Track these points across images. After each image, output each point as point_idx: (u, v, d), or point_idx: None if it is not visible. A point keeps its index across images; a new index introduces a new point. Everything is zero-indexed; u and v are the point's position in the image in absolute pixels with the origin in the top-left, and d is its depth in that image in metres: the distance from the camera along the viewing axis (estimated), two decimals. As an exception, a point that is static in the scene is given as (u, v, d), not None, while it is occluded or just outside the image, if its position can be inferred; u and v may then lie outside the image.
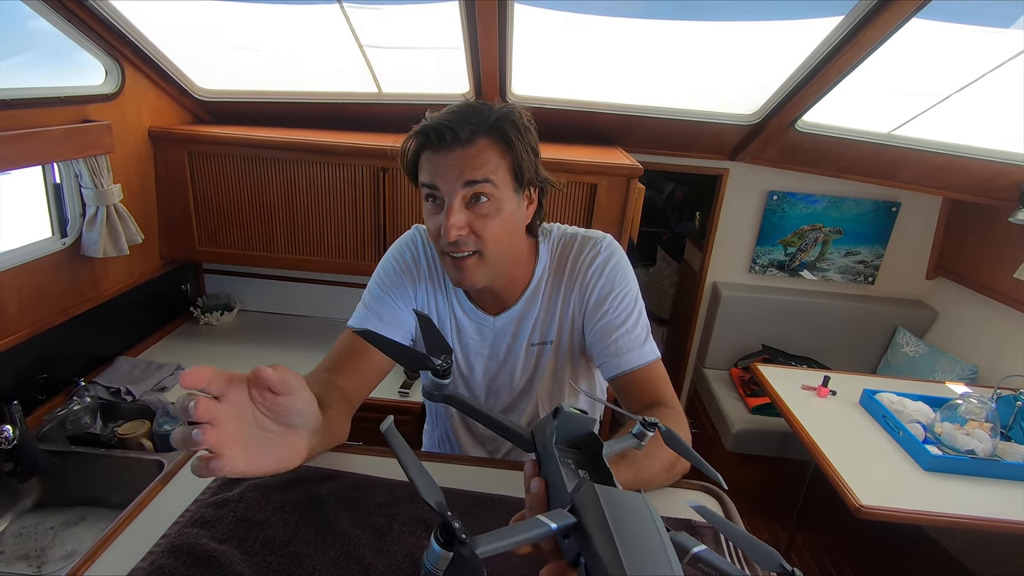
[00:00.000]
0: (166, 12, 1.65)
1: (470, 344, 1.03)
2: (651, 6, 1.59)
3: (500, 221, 0.84)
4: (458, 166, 0.81)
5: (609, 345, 0.93)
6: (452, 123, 0.81)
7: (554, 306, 0.99)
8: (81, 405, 1.65)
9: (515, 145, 0.83)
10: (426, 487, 0.47)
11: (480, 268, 0.86)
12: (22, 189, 1.64)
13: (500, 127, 0.83)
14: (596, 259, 0.96)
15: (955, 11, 1.40)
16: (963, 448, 1.75)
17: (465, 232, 0.82)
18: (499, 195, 0.83)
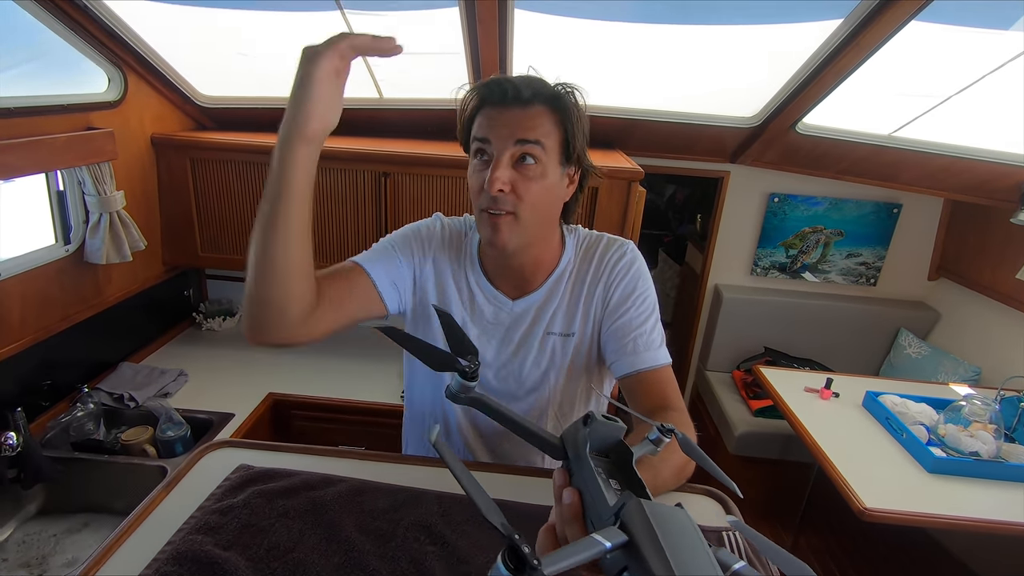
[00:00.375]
0: (169, 20, 1.66)
1: (484, 326, 1.01)
2: (650, 10, 1.59)
3: (542, 187, 0.85)
4: (513, 123, 0.83)
5: (626, 343, 0.94)
6: (518, 83, 0.83)
7: (577, 299, 0.99)
8: (84, 411, 1.66)
9: (571, 118, 0.85)
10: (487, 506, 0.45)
11: (514, 229, 0.86)
12: (26, 196, 1.65)
13: (560, 97, 0.85)
14: (623, 259, 0.98)
15: (954, 13, 1.40)
16: (967, 450, 1.74)
17: (507, 189, 0.83)
18: (546, 160, 0.85)
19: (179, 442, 1.64)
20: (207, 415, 1.78)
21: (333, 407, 1.95)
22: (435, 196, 2.00)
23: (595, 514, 0.48)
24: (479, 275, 1.00)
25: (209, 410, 1.80)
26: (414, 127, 2.23)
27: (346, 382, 2.05)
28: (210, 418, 1.77)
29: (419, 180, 1.98)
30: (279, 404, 1.95)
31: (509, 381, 1.02)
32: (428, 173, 1.96)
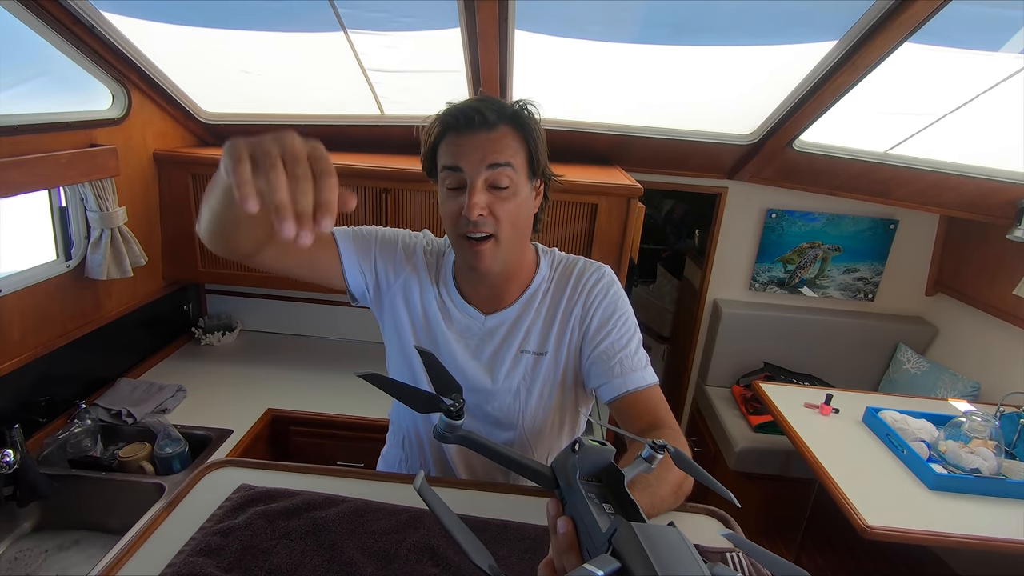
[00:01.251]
0: (172, 38, 1.68)
1: (456, 333, 1.00)
2: (649, 33, 1.61)
3: (516, 205, 0.87)
4: (482, 148, 0.84)
5: (612, 366, 0.93)
6: (478, 107, 0.85)
7: (552, 318, 0.98)
8: (82, 428, 1.65)
9: (533, 134, 0.88)
10: (474, 549, 0.46)
11: (496, 252, 0.88)
12: (27, 212, 1.66)
13: (519, 116, 0.88)
14: (600, 281, 0.98)
15: (946, 35, 1.42)
16: (968, 467, 1.74)
17: (486, 212, 0.85)
18: (517, 180, 0.87)
19: (177, 459, 1.63)
20: (205, 431, 1.77)
21: (332, 423, 1.94)
22: (436, 212, 2.01)
23: (589, 542, 0.48)
24: (452, 292, 1.00)
25: (207, 426, 1.79)
26: (415, 144, 2.25)
27: (345, 398, 2.04)
28: (208, 434, 1.76)
29: (420, 196, 1.99)
30: (278, 420, 1.94)
31: (477, 395, 1.00)
32: (429, 189, 1.96)
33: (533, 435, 1.01)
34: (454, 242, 0.92)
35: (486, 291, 0.99)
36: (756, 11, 1.49)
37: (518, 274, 0.98)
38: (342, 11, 1.54)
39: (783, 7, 1.48)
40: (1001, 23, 1.45)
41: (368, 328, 2.50)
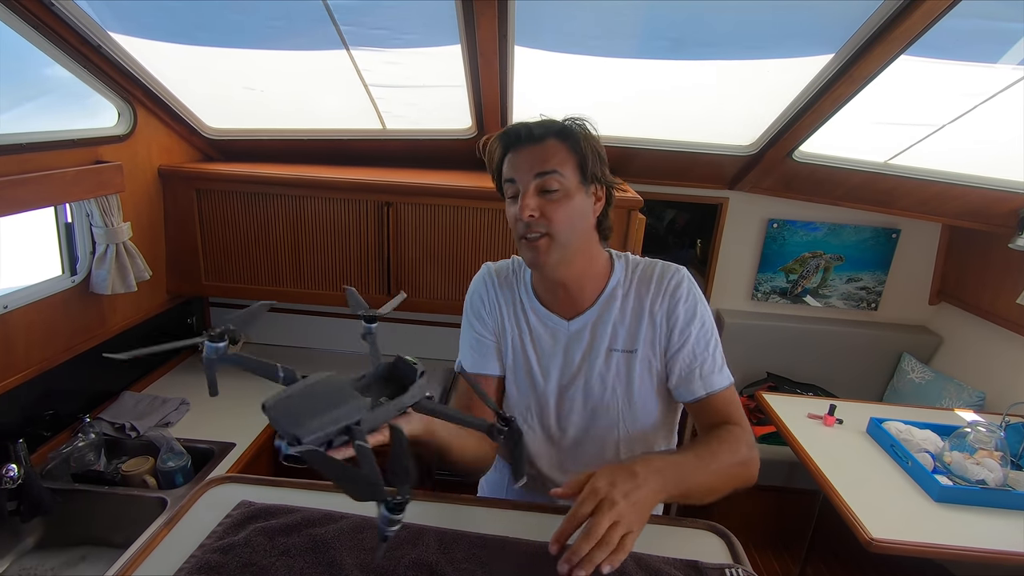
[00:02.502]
0: (177, 57, 1.71)
1: (544, 349, 1.07)
2: (646, 46, 1.63)
3: (568, 207, 0.94)
4: (531, 160, 0.94)
5: (693, 370, 1.00)
6: (529, 125, 0.96)
7: (639, 317, 1.02)
8: (86, 442, 1.65)
9: (580, 144, 0.95)
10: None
11: (551, 249, 0.95)
12: (33, 228, 1.68)
13: (566, 129, 0.96)
14: (682, 283, 1.02)
15: (943, 48, 1.44)
16: (973, 478, 1.72)
17: (537, 214, 0.93)
18: (567, 184, 0.94)
19: (179, 473, 1.63)
20: (208, 445, 1.78)
21: (334, 436, 1.94)
22: (437, 226, 2.03)
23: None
24: (533, 302, 1.07)
25: (210, 440, 1.79)
26: (417, 157, 2.27)
27: (347, 410, 2.04)
28: (211, 448, 1.77)
29: (421, 210, 2.01)
30: (280, 433, 1.94)
31: (574, 401, 1.06)
32: (430, 203, 1.99)
33: (635, 429, 1.06)
34: (519, 247, 0.99)
35: (564, 296, 1.04)
36: (752, 25, 1.51)
37: (590, 276, 1.03)
38: (344, 29, 1.56)
39: (779, 21, 1.49)
40: (999, 35, 1.46)
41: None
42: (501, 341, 1.10)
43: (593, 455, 1.08)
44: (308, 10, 1.48)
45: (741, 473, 0.94)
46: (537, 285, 1.07)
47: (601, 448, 1.08)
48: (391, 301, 0.88)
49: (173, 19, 1.57)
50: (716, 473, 0.89)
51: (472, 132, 2.14)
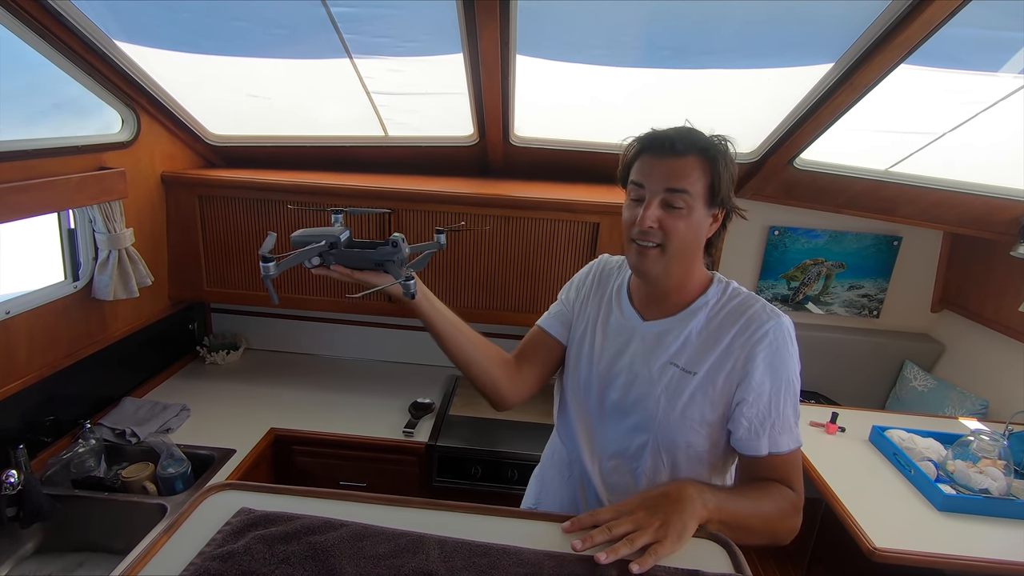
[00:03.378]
0: (182, 64, 1.72)
1: (610, 335, 1.10)
2: (648, 56, 1.64)
3: (687, 225, 0.96)
4: (665, 172, 0.95)
5: (763, 428, 0.96)
6: (673, 136, 0.96)
7: (713, 345, 0.99)
8: (86, 447, 1.65)
9: (718, 167, 0.95)
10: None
11: (659, 260, 0.97)
12: (37, 233, 1.68)
13: (711, 149, 0.96)
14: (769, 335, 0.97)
15: (943, 57, 1.44)
16: (977, 487, 1.71)
17: (656, 226, 0.95)
18: (692, 204, 0.95)
19: (179, 479, 1.63)
20: (208, 451, 1.77)
21: (335, 442, 1.94)
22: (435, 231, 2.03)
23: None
24: (623, 297, 1.11)
25: (211, 446, 1.79)
26: (419, 164, 2.28)
27: (348, 416, 2.05)
28: (211, 454, 1.77)
29: (424, 216, 2.01)
30: (281, 439, 1.94)
31: (618, 390, 1.06)
32: (433, 209, 1.99)
33: (665, 445, 1.03)
34: (625, 245, 1.01)
35: (650, 299, 1.07)
36: (753, 34, 1.51)
37: (681, 290, 1.04)
38: (347, 38, 1.57)
39: (779, 30, 1.50)
40: (1000, 44, 1.47)
41: (372, 347, 2.51)
42: (576, 319, 1.15)
43: (620, 449, 1.07)
44: (312, 19, 1.49)
45: (783, 525, 0.92)
46: (635, 286, 1.11)
47: (628, 445, 1.06)
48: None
49: (178, 27, 1.59)
50: (757, 516, 0.89)
51: (474, 139, 2.15)
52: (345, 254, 1.02)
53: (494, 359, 1.12)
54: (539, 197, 1.95)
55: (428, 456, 1.93)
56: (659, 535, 0.77)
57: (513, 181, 2.25)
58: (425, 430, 2.00)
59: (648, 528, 0.77)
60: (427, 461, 1.94)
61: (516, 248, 2.00)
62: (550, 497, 1.22)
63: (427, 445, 1.92)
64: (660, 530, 0.78)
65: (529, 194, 1.98)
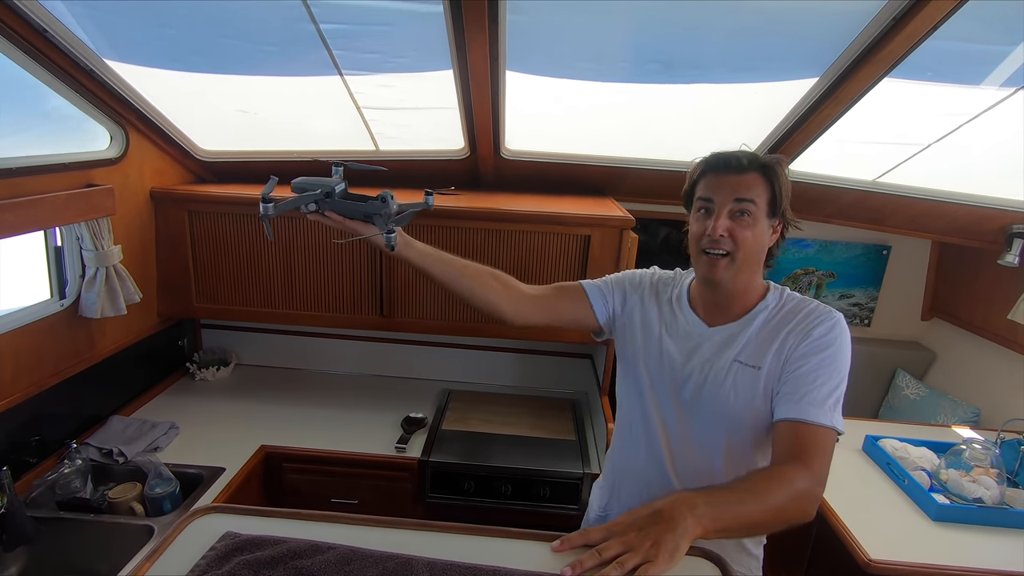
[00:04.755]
0: (171, 81, 1.72)
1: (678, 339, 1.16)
2: (637, 70, 1.66)
3: (753, 234, 1.05)
4: (732, 186, 1.05)
5: (795, 393, 1.01)
6: (736, 155, 1.07)
7: (771, 339, 1.07)
8: (72, 468, 1.63)
9: (777, 181, 1.06)
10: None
11: (729, 268, 1.06)
12: (22, 251, 1.67)
13: (768, 166, 1.06)
14: (828, 323, 1.05)
15: (926, 71, 1.46)
16: (970, 496, 1.71)
17: (726, 235, 1.04)
18: (757, 214, 1.05)
19: (167, 499, 1.60)
20: (197, 470, 1.75)
21: (326, 459, 1.92)
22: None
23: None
24: (684, 305, 1.18)
25: (200, 464, 1.77)
26: (410, 178, 2.28)
27: (340, 432, 2.03)
28: (200, 473, 1.74)
29: (414, 231, 2.00)
30: (271, 457, 1.92)
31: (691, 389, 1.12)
32: (423, 223, 1.99)
33: (737, 439, 1.10)
34: (694, 257, 1.10)
35: (713, 306, 1.14)
36: (738, 49, 1.53)
37: (744, 296, 1.11)
38: (337, 54, 1.58)
39: (764, 45, 1.52)
40: (982, 57, 1.49)
41: (364, 361, 2.49)
42: (630, 316, 1.23)
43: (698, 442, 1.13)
44: (302, 36, 1.49)
45: (793, 509, 0.92)
46: (694, 291, 1.18)
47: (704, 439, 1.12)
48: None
49: (167, 45, 1.59)
50: (765, 510, 0.89)
51: (465, 153, 2.15)
52: (339, 203, 1.14)
53: (491, 286, 1.22)
54: (530, 210, 1.96)
55: (421, 472, 1.91)
56: (650, 555, 0.75)
57: (504, 194, 2.26)
58: (417, 445, 1.98)
59: (639, 549, 0.76)
60: (420, 477, 1.92)
61: (507, 261, 2.00)
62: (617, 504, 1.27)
63: (420, 461, 1.91)
64: (651, 550, 0.76)
65: (520, 207, 1.98)
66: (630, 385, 1.23)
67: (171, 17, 1.47)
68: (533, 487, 1.90)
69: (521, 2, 1.37)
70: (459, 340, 2.42)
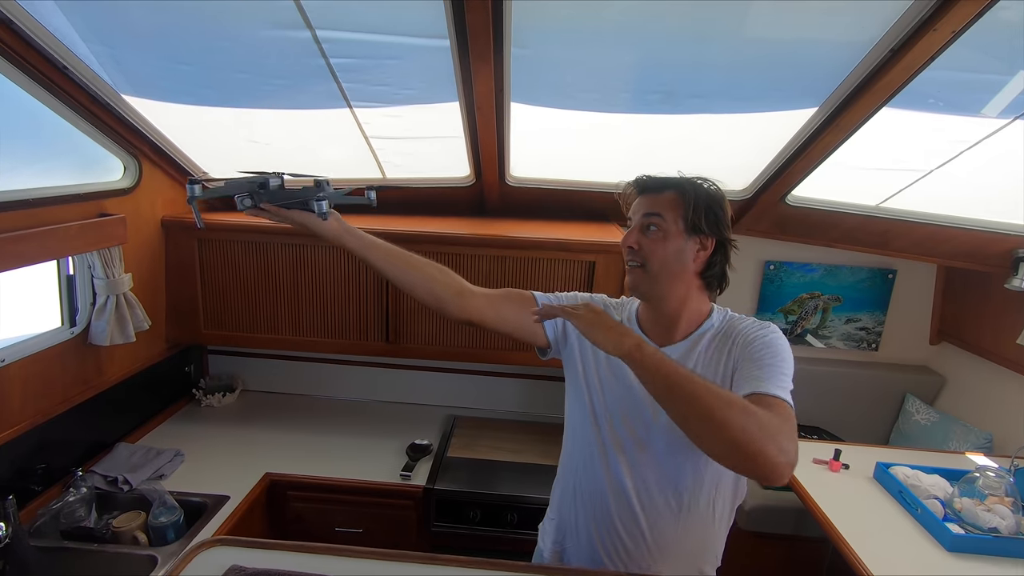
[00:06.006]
0: (184, 114, 1.76)
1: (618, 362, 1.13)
2: (639, 100, 1.69)
3: (663, 247, 1.09)
4: (645, 204, 1.12)
5: (748, 376, 1.00)
6: (654, 177, 1.15)
7: (719, 360, 1.09)
8: (76, 496, 1.62)
9: (689, 199, 1.09)
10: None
11: (644, 278, 1.11)
12: (34, 278, 1.69)
13: (682, 186, 1.11)
14: (762, 328, 1.08)
15: (924, 102, 1.48)
16: (986, 526, 1.68)
17: (636, 247, 1.11)
18: (666, 228, 1.09)
19: (171, 528, 1.60)
20: (201, 498, 1.74)
21: (331, 487, 1.91)
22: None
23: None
24: (635, 327, 1.20)
25: (204, 492, 1.76)
26: (417, 204, 2.31)
27: (345, 459, 2.02)
28: (204, 501, 1.73)
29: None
30: (275, 485, 1.91)
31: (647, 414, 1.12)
32: (430, 251, 2.00)
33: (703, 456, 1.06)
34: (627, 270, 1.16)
35: (659, 326, 1.16)
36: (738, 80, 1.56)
37: (686, 315, 1.14)
38: (347, 87, 1.62)
39: (764, 77, 1.55)
40: (980, 86, 1.51)
41: (369, 387, 2.49)
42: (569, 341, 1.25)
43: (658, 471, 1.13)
44: (311, 69, 1.53)
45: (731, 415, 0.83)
46: (641, 314, 1.21)
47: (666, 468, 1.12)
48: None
49: (181, 80, 1.63)
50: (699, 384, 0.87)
51: (471, 180, 2.18)
52: (274, 193, 1.14)
53: (435, 277, 1.23)
54: (535, 237, 1.98)
55: (426, 500, 1.89)
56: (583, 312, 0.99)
57: (509, 220, 2.28)
58: (423, 473, 1.96)
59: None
60: (424, 505, 1.90)
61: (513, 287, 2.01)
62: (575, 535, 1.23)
63: (425, 489, 1.89)
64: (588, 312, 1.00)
65: (525, 234, 2.00)
66: (583, 409, 1.21)
67: (188, 54, 1.52)
68: (540, 516, 1.87)
69: (525, 36, 1.41)
70: (464, 366, 2.43)
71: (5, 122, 1.48)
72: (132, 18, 1.38)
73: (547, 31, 1.42)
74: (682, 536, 1.14)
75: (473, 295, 1.24)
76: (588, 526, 1.20)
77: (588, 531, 1.20)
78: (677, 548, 1.15)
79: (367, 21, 1.37)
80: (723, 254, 1.14)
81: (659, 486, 1.12)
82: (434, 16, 1.33)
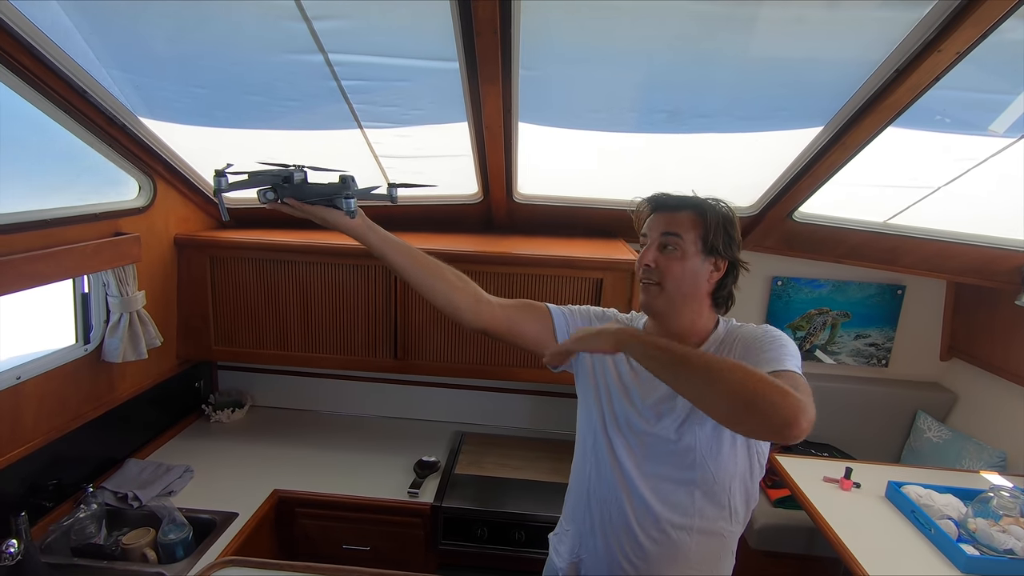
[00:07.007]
0: (198, 135, 1.80)
1: (642, 376, 1.17)
2: (645, 119, 1.70)
3: (680, 266, 1.11)
4: (663, 222, 1.13)
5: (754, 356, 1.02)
6: (672, 196, 1.17)
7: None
8: (87, 513, 1.64)
9: (708, 219, 1.11)
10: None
11: (659, 296, 1.13)
12: (49, 297, 1.71)
13: (701, 205, 1.13)
14: (765, 328, 1.11)
15: (929, 121, 1.49)
16: (1000, 547, 1.65)
17: (653, 265, 1.12)
18: (684, 247, 1.11)
19: (180, 545, 1.60)
20: (210, 515, 1.75)
21: (339, 504, 1.91)
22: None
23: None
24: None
25: (213, 509, 1.77)
26: (425, 221, 2.33)
27: (353, 476, 2.02)
28: (213, 518, 1.74)
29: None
30: (283, 502, 1.91)
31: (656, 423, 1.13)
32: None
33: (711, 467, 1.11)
34: (639, 288, 1.17)
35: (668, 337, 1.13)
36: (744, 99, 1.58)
37: (693, 330, 1.16)
38: (357, 108, 1.65)
39: (769, 96, 1.56)
40: (985, 106, 1.52)
41: (377, 403, 2.50)
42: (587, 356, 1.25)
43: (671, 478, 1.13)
44: (323, 91, 1.56)
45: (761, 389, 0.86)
46: (649, 330, 1.21)
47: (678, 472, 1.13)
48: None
49: (195, 102, 1.67)
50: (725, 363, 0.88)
51: (479, 197, 2.20)
52: (298, 188, 1.11)
53: (452, 282, 1.23)
54: (543, 254, 1.99)
55: (433, 518, 1.89)
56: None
57: (517, 237, 2.30)
58: (430, 490, 1.96)
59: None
60: (432, 523, 1.90)
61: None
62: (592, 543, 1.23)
63: (432, 506, 1.89)
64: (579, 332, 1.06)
65: (533, 251, 2.01)
66: (595, 416, 1.23)
67: (203, 78, 1.56)
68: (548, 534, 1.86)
69: (532, 58, 1.43)
70: (472, 382, 2.43)
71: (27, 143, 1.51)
72: (151, 45, 1.42)
73: (554, 53, 1.45)
74: (699, 536, 1.14)
75: (489, 303, 1.25)
76: (605, 531, 1.20)
77: (605, 537, 1.19)
78: (697, 548, 1.14)
79: (378, 45, 1.40)
80: (734, 276, 1.16)
81: (674, 486, 1.13)
82: (444, 40, 1.35)
